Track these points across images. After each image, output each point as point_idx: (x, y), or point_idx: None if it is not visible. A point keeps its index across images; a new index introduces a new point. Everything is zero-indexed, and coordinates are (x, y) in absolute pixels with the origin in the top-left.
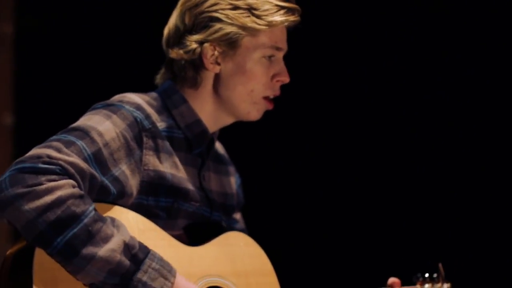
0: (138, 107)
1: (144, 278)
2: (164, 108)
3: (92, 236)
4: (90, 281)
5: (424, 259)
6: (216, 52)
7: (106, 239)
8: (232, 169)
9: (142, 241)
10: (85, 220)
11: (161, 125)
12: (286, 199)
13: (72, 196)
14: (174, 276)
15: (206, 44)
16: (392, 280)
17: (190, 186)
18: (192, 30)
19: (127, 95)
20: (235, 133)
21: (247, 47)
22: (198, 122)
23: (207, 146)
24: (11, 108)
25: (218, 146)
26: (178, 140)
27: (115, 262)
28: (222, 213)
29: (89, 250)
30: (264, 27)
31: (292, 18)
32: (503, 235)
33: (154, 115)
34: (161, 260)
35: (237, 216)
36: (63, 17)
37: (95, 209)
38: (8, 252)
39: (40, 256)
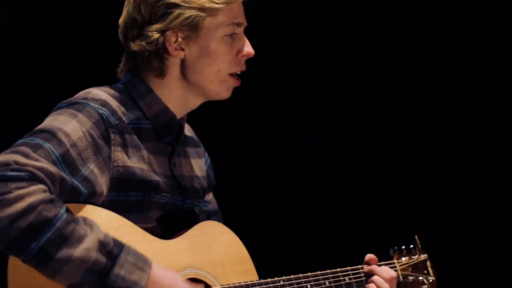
0: (103, 104)
1: (122, 273)
2: (130, 100)
3: (66, 238)
4: (67, 282)
5: (399, 234)
6: (179, 38)
7: (80, 239)
8: (201, 150)
9: (116, 238)
10: (58, 224)
11: (128, 117)
12: (258, 179)
13: (43, 202)
14: (150, 267)
15: (168, 32)
16: (369, 256)
17: (160, 178)
18: (151, 20)
19: (91, 91)
20: (203, 113)
21: (209, 28)
22: (166, 110)
23: (176, 133)
24: None
25: (187, 128)
26: (147, 130)
27: (91, 260)
28: (194, 197)
29: (64, 252)
30: (222, 5)
31: None
32: (476, 205)
33: (121, 109)
34: (136, 253)
35: (209, 197)
36: (47, 10)
37: (67, 211)
38: None
39: (15, 262)
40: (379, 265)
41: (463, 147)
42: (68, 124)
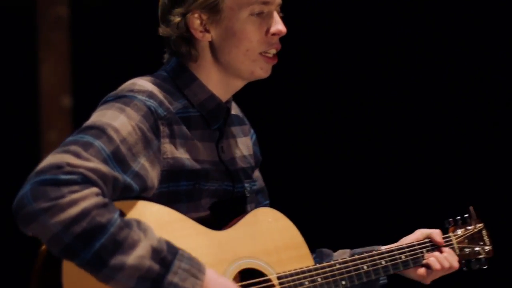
0: (150, 95)
1: (175, 280)
2: (175, 88)
3: (119, 244)
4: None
5: (452, 207)
6: (202, 21)
7: (134, 245)
8: (246, 127)
9: (169, 232)
10: (111, 229)
11: (175, 107)
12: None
13: (96, 206)
14: (204, 273)
15: (189, 15)
16: (436, 232)
17: (209, 165)
18: (174, 4)
19: (137, 82)
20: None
21: (231, 7)
22: (212, 97)
23: (224, 117)
24: (69, 90)
25: (232, 106)
26: (195, 118)
27: (144, 268)
28: (244, 178)
29: (117, 259)
30: None
31: None
32: None
33: (167, 99)
34: (190, 259)
35: (255, 174)
36: None
37: (120, 216)
38: (42, 248)
39: (69, 264)
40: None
41: None
42: (117, 119)
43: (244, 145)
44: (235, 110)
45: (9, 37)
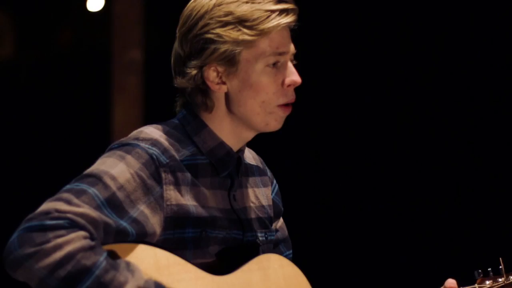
0: (154, 143)
1: None
2: (185, 136)
3: (105, 287)
4: None
5: (480, 258)
6: (218, 73)
7: (120, 287)
8: (267, 178)
9: (166, 276)
10: (97, 272)
11: (182, 154)
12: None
13: (82, 249)
14: None
15: (205, 67)
16: (449, 282)
17: (217, 213)
18: (191, 56)
19: (144, 130)
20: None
21: (248, 60)
22: (221, 144)
23: (235, 165)
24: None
25: (250, 156)
26: (203, 166)
27: None
28: (259, 228)
29: None
30: (256, 37)
31: (285, 20)
32: None
33: (175, 146)
34: None
35: (277, 224)
36: None
37: (107, 258)
38: None
39: None
40: None
41: None
42: (115, 167)
43: (263, 195)
44: (254, 160)
45: (84, 79)
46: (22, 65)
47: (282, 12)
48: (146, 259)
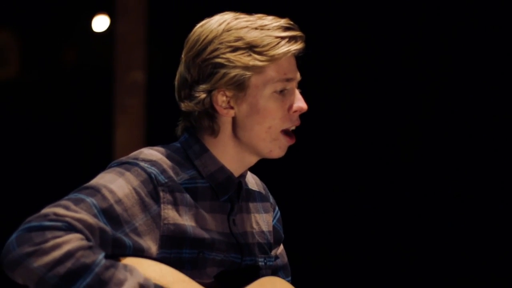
0: (153, 163)
1: None
2: (186, 159)
3: (104, 284)
4: None
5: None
6: (226, 98)
7: (120, 284)
8: (268, 204)
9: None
10: (96, 270)
11: (181, 177)
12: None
13: (80, 248)
14: None
15: (214, 92)
16: None
17: (215, 236)
18: (199, 80)
19: (144, 151)
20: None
21: (256, 85)
22: (222, 169)
23: (236, 190)
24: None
25: (253, 182)
26: (203, 189)
27: None
28: (258, 253)
29: None
30: (266, 62)
31: (294, 46)
32: None
33: (174, 169)
34: None
35: (277, 251)
36: None
37: (105, 257)
38: None
39: None
40: None
41: None
42: (114, 182)
43: (263, 221)
44: (257, 186)
45: (87, 100)
46: (26, 84)
47: (291, 39)
48: (152, 274)
